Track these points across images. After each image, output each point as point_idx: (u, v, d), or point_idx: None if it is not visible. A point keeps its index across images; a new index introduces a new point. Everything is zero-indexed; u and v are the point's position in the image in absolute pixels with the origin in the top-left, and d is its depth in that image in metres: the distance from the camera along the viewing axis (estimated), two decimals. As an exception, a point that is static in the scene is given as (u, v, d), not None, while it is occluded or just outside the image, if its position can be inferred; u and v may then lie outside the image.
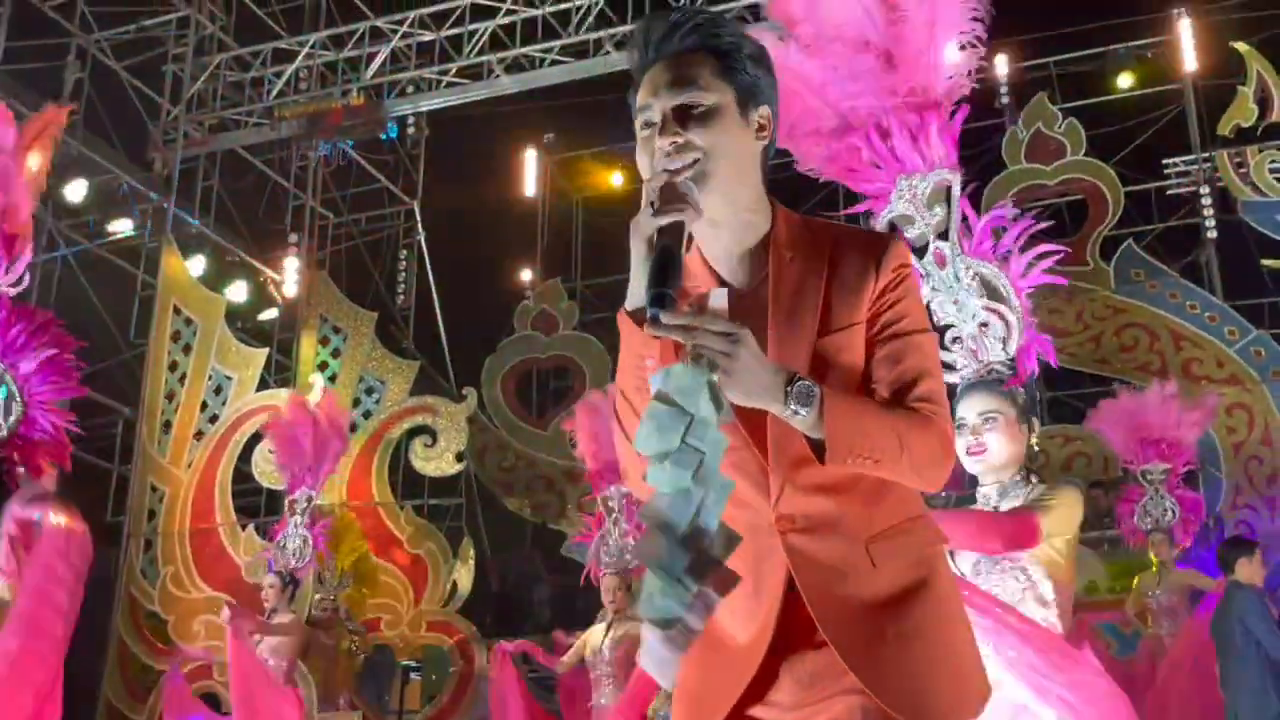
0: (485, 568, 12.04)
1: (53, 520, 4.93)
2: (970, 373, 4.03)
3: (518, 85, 11.85)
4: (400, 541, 11.06)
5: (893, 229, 4.37)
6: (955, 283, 4.20)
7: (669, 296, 1.66)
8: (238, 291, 12.28)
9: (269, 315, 12.88)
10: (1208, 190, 11.76)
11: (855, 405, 1.80)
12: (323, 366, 12.07)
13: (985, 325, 4.12)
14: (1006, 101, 12.56)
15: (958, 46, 4.34)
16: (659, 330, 1.67)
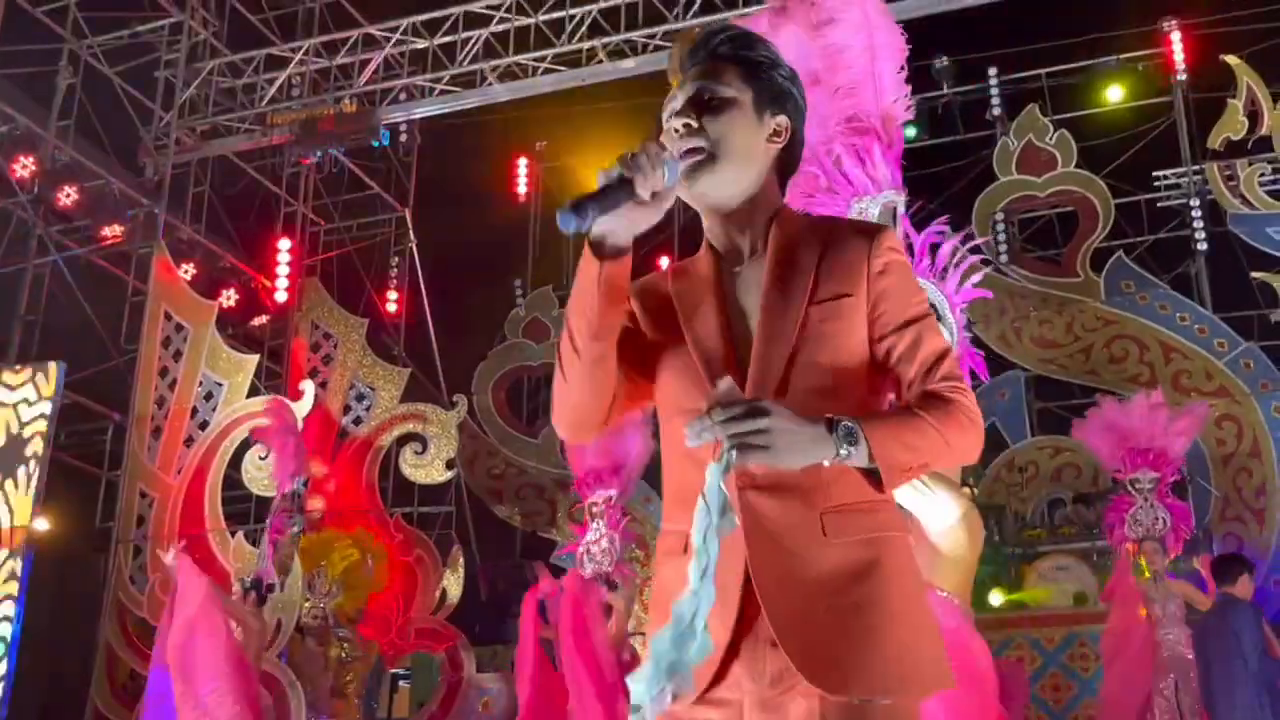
0: (475, 576, 12.03)
1: None
2: None
3: (510, 93, 11.87)
4: (390, 548, 11.03)
5: None
6: None
7: (584, 206, 1.72)
8: (228, 297, 12.26)
9: (260, 321, 12.85)
10: (1198, 203, 11.80)
11: (892, 424, 1.84)
12: (313, 373, 12.05)
13: None
14: (998, 113, 12.60)
15: (896, 70, 4.42)
16: (693, 441, 1.69)
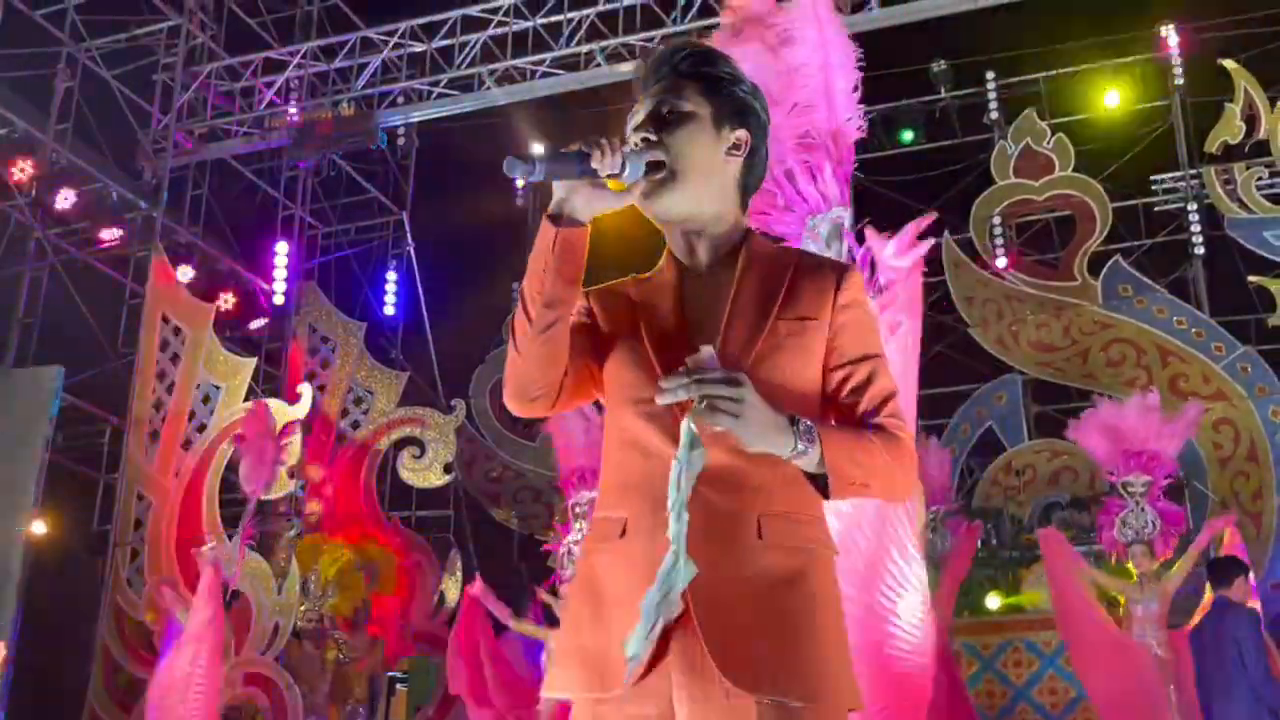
0: (472, 579, 12.01)
1: None
2: None
3: (508, 97, 11.86)
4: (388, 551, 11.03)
5: None
6: None
7: (535, 160, 1.79)
8: (226, 301, 12.25)
9: (258, 324, 12.85)
10: (1195, 207, 11.81)
11: (847, 437, 1.91)
12: (311, 376, 12.05)
13: None
14: (996, 117, 12.61)
15: (850, 89, 4.44)
16: (665, 398, 1.77)
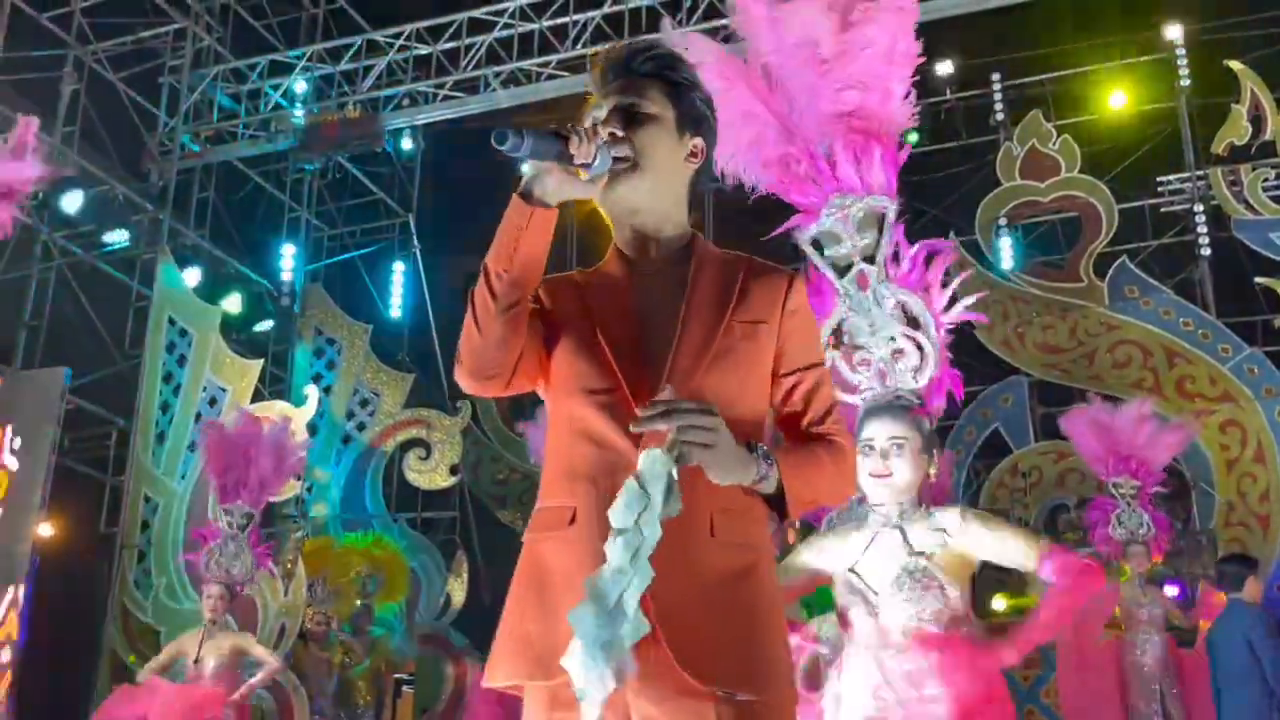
0: (479, 581, 12.03)
1: None
2: (875, 396, 4.04)
3: (513, 99, 11.85)
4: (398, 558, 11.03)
5: (816, 246, 4.40)
6: (875, 307, 4.24)
7: (522, 135, 1.83)
8: (233, 303, 12.27)
9: (264, 327, 12.87)
10: (1201, 208, 11.78)
11: (797, 458, 2.00)
12: (317, 378, 12.07)
13: (900, 353, 4.15)
14: (1001, 119, 12.60)
15: (908, 78, 4.39)
16: (643, 426, 1.79)
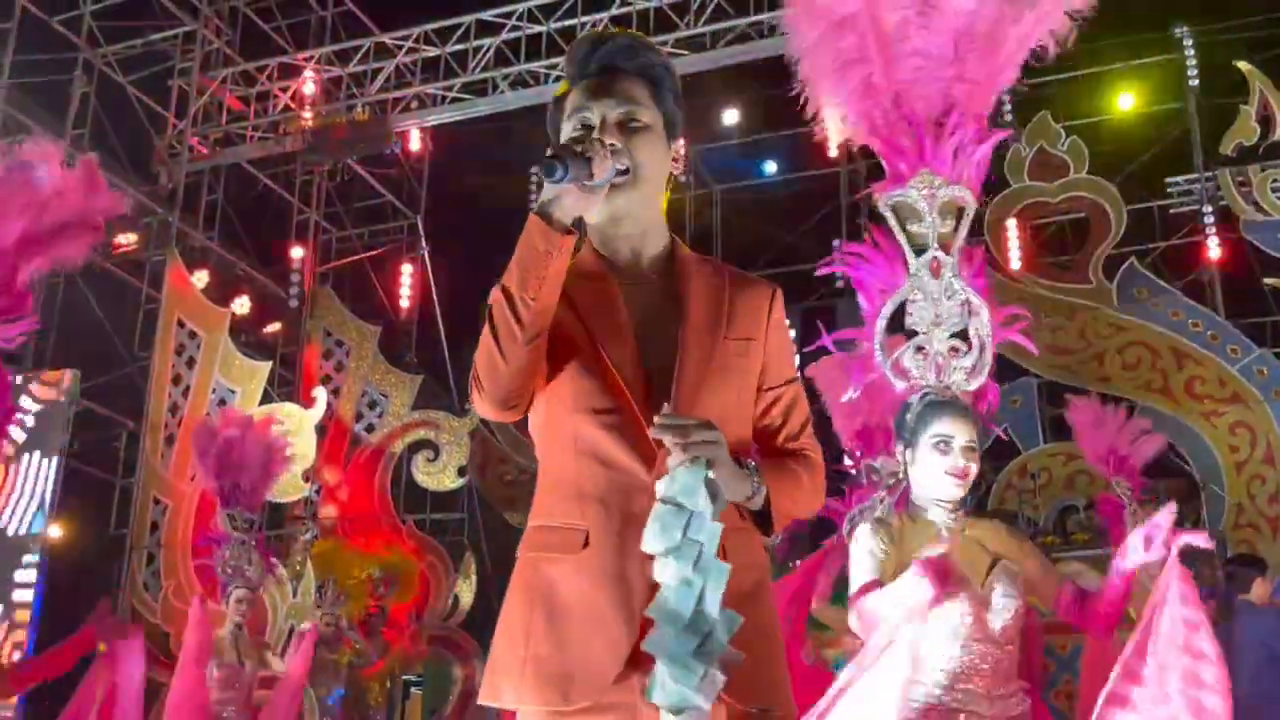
0: (487, 582, 12.03)
1: None
2: (936, 390, 3.88)
3: (522, 101, 11.86)
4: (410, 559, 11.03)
5: (894, 212, 4.27)
6: (942, 298, 4.16)
7: (563, 160, 1.92)
8: (241, 305, 12.30)
9: (272, 328, 12.89)
10: (1210, 209, 11.76)
11: (780, 475, 2.04)
12: (326, 380, 12.08)
13: (956, 350, 4.06)
14: (1010, 119, 12.57)
15: (1016, 65, 4.31)
16: (659, 433, 1.81)
